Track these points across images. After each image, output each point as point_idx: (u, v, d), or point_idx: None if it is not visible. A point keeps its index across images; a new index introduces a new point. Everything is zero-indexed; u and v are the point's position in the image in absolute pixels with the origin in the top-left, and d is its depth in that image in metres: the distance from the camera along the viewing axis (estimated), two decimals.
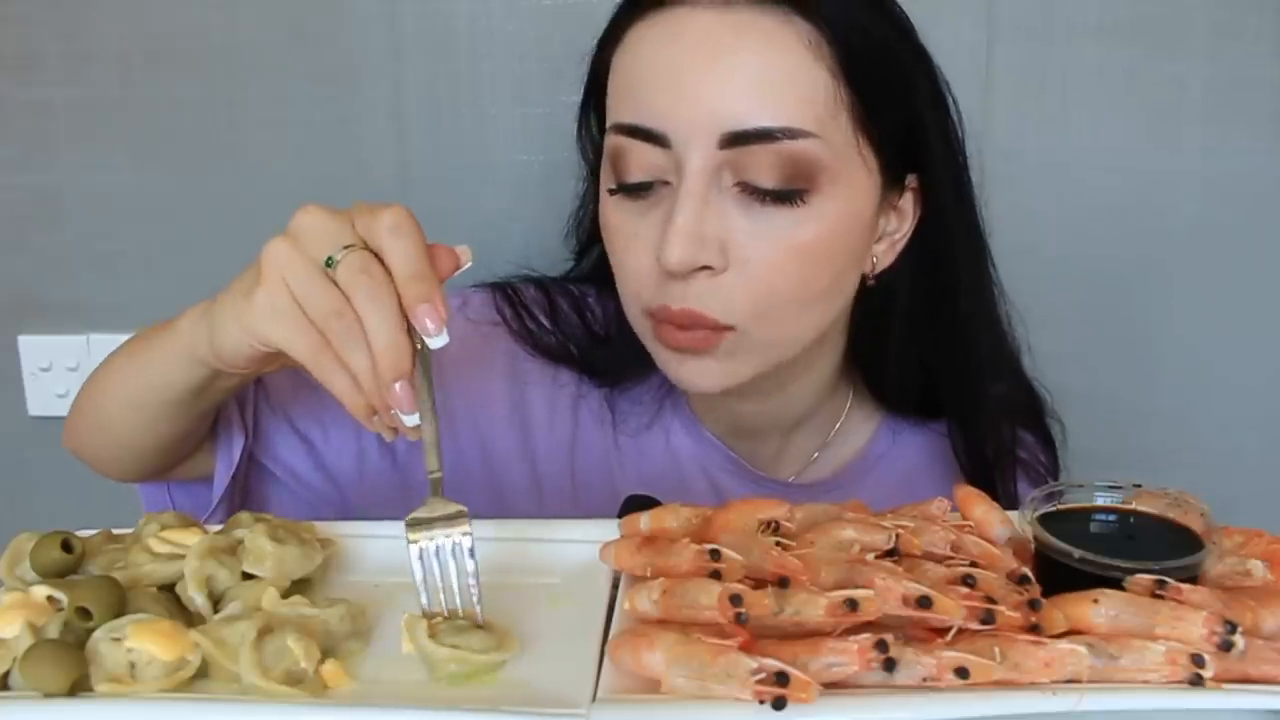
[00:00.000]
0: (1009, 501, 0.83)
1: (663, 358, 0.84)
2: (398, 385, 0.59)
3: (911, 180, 0.85)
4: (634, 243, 0.81)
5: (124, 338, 1.33)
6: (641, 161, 0.79)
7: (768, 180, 0.77)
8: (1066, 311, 1.29)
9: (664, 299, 0.80)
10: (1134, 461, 1.31)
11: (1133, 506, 0.65)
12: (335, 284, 0.60)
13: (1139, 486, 0.65)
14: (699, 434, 0.96)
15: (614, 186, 0.82)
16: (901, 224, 0.86)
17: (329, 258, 0.60)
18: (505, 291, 0.96)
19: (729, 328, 0.80)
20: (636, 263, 0.81)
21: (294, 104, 1.27)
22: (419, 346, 0.61)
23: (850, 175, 0.79)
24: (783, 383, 0.89)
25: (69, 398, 1.36)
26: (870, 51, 0.79)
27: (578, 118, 0.92)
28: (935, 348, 0.91)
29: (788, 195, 0.77)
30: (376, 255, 0.60)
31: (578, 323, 0.95)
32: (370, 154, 1.28)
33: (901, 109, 0.82)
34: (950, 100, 0.87)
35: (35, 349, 1.36)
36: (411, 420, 0.60)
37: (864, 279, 0.87)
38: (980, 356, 0.93)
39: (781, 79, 0.76)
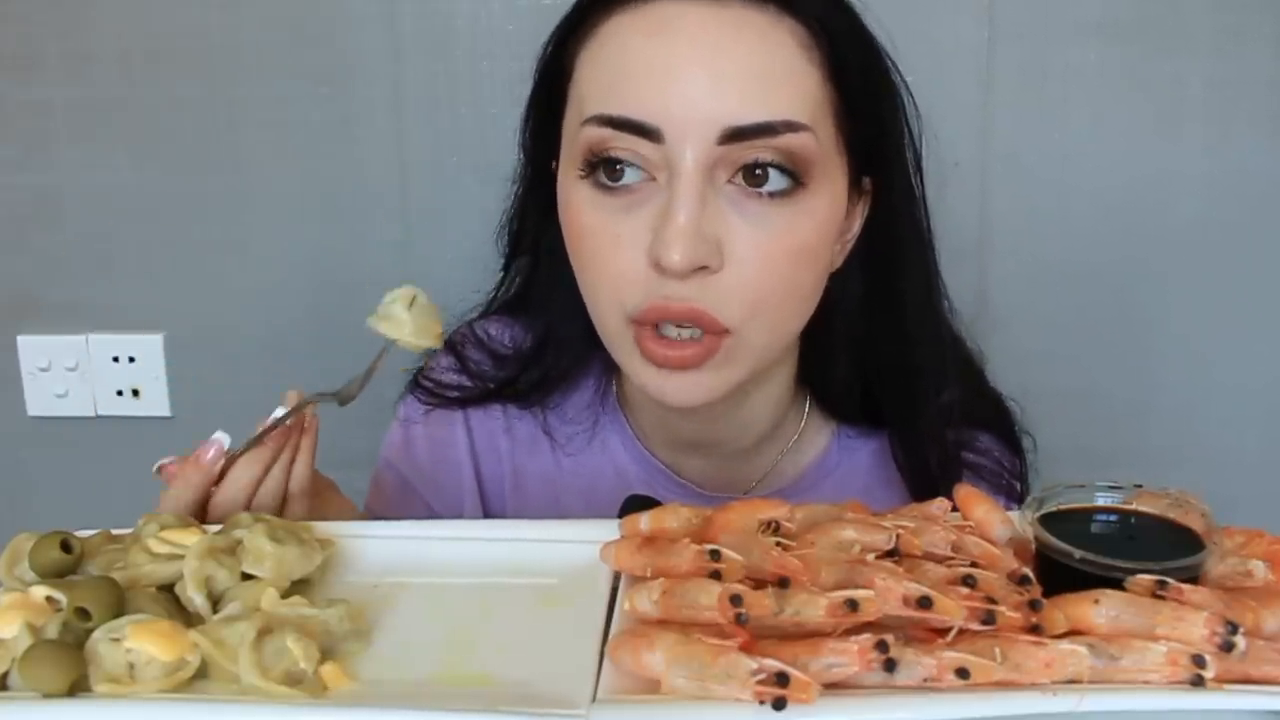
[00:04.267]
0: None
1: (641, 371, 0.81)
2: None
3: (866, 183, 0.85)
4: (618, 243, 0.78)
5: (123, 337, 1.35)
6: (627, 156, 0.77)
7: (765, 176, 0.76)
8: (1066, 311, 1.29)
9: (660, 297, 0.77)
10: (1134, 461, 1.31)
11: (1133, 507, 0.64)
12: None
13: (1139, 487, 0.65)
14: (638, 452, 0.95)
15: (591, 181, 0.79)
16: (852, 225, 0.86)
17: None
18: (418, 383, 0.98)
19: (725, 330, 0.78)
20: (621, 265, 0.78)
21: (294, 104, 1.27)
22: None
23: (832, 174, 0.80)
24: (743, 401, 0.88)
25: (68, 398, 1.38)
26: (853, 55, 0.80)
27: (525, 111, 0.89)
28: (876, 352, 0.90)
29: (784, 191, 0.77)
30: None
31: (490, 365, 0.96)
32: (370, 154, 1.28)
33: (874, 114, 0.83)
34: (912, 107, 0.87)
35: (34, 349, 1.36)
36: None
37: None
38: (921, 362, 0.90)
39: (778, 74, 0.76)
